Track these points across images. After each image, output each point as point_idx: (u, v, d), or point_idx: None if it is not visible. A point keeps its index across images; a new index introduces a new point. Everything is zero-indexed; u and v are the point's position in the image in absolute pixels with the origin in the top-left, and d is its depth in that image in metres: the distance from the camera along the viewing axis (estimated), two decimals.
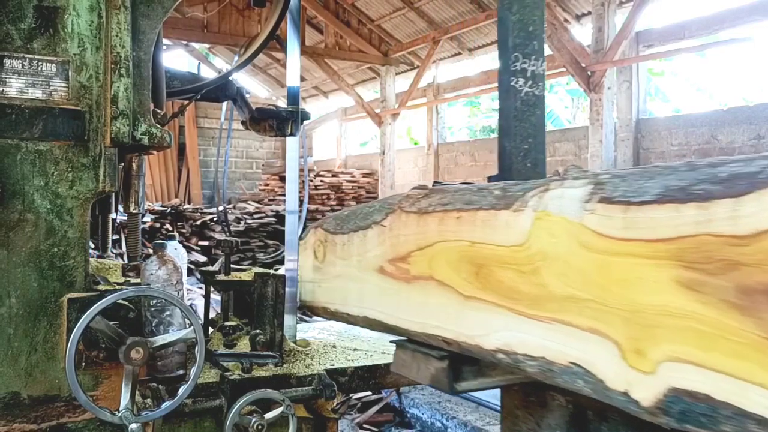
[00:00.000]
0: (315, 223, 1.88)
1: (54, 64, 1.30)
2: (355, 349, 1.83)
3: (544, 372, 1.06)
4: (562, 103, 17.23)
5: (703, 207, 0.80)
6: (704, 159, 0.91)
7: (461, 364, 1.31)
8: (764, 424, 0.74)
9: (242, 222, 11.11)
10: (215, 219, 10.83)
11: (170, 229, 10.17)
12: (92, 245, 1.93)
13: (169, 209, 11.00)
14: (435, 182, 1.46)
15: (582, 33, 8.82)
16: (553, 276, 1.02)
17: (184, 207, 11.57)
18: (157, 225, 10.36)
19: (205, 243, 10.49)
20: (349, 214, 1.73)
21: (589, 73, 8.08)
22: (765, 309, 0.73)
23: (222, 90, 1.99)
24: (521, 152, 1.68)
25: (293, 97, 2.02)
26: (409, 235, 1.40)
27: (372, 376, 1.66)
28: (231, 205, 12.33)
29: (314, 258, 1.85)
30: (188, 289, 6.60)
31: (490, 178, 1.50)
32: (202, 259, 9.74)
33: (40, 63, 1.29)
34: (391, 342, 1.52)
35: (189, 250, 9.99)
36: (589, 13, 8.56)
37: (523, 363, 1.10)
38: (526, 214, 1.08)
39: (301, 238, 1.96)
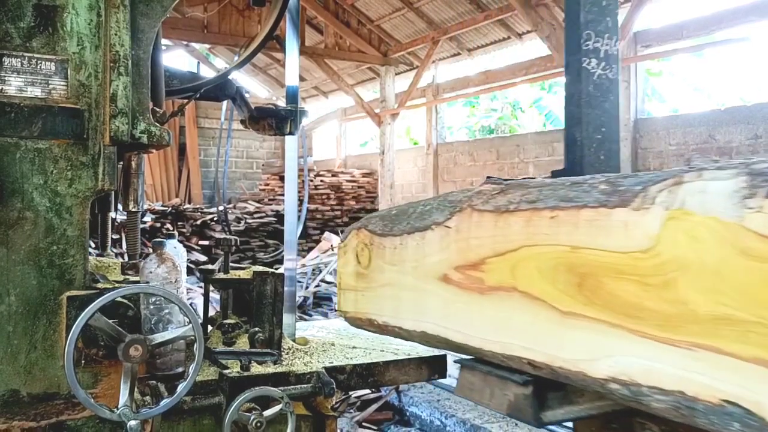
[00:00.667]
0: (356, 224, 1.69)
1: (53, 63, 1.30)
2: (353, 347, 1.82)
3: (680, 409, 0.88)
4: (561, 103, 17.21)
5: None
6: None
7: (545, 390, 1.14)
8: None
9: (242, 222, 11.11)
10: (215, 219, 10.83)
11: (171, 228, 10.17)
12: (93, 244, 1.93)
13: (170, 209, 10.99)
14: (488, 177, 1.31)
15: None
16: (696, 291, 0.84)
17: (185, 207, 11.57)
18: (158, 225, 10.36)
19: (206, 242, 10.49)
20: (398, 213, 1.54)
21: None
22: None
23: (221, 89, 1.99)
24: (594, 143, 1.50)
25: (292, 96, 2.02)
26: (483, 237, 1.21)
27: (371, 373, 1.66)
28: (231, 205, 12.33)
29: (356, 263, 1.64)
30: (188, 288, 6.59)
31: (554, 173, 1.34)
32: (203, 258, 9.73)
33: (39, 61, 1.29)
34: (456, 362, 1.33)
35: (189, 249, 9.99)
36: None
37: (648, 397, 0.91)
38: (654, 213, 0.90)
39: (341, 240, 1.75)
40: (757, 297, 0.77)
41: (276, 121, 1.99)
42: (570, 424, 1.21)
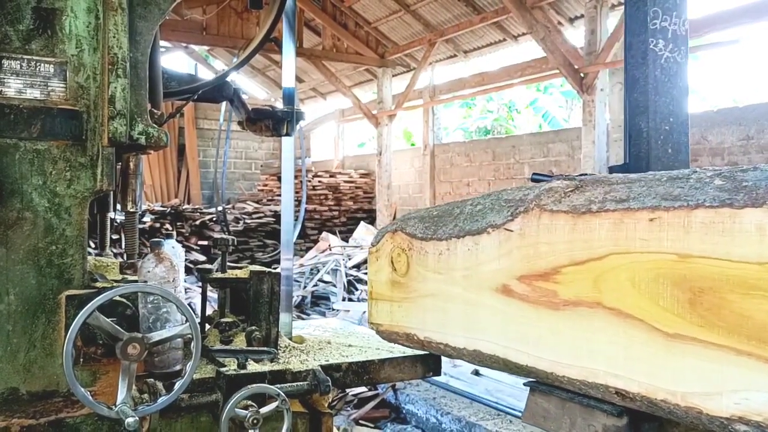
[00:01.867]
0: (391, 225, 1.52)
1: (52, 65, 1.30)
2: (349, 345, 1.83)
3: None
4: (557, 102, 17.27)
5: None
6: None
7: (639, 421, 1.00)
8: None
9: (241, 222, 11.10)
10: (214, 219, 10.81)
11: (170, 228, 10.15)
12: (92, 244, 1.93)
13: (169, 209, 10.97)
14: (534, 174, 1.15)
15: (575, 36, 8.84)
16: None
17: (184, 207, 11.55)
18: (157, 225, 10.34)
19: (205, 242, 10.48)
20: (442, 214, 1.36)
21: (582, 75, 8.09)
22: None
23: (219, 91, 1.99)
24: (661, 134, 1.31)
25: (289, 98, 2.02)
26: (556, 243, 1.04)
27: (366, 371, 1.66)
28: (230, 205, 12.31)
29: (392, 270, 1.47)
30: (187, 288, 6.58)
31: (612, 169, 1.15)
32: (202, 258, 9.72)
33: (38, 64, 1.29)
34: (525, 384, 1.18)
35: (188, 249, 9.98)
36: (582, 16, 8.58)
37: None
38: None
39: (372, 245, 1.58)
40: None
41: (273, 122, 2.00)
42: None
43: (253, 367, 1.47)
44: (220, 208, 10.50)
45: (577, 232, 1.01)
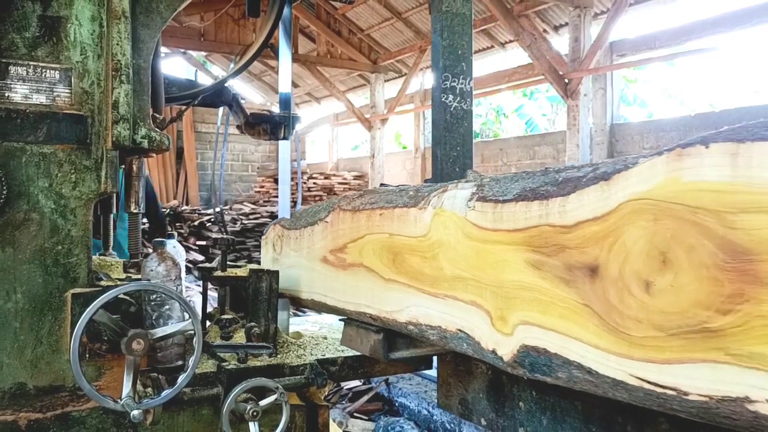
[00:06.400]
0: (274, 221, 2.09)
1: (57, 71, 1.30)
2: None
3: (441, 339, 1.20)
4: (542, 110, 17.35)
5: (544, 204, 0.94)
6: (557, 165, 1.04)
7: (396, 337, 1.47)
8: (582, 369, 0.86)
9: (238, 222, 11.06)
10: (212, 220, 10.77)
11: (170, 229, 10.09)
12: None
13: (168, 210, 10.91)
14: (381, 184, 1.61)
15: (560, 43, 8.90)
16: (446, 261, 1.16)
17: (183, 208, 11.50)
18: None
19: (203, 243, 10.43)
20: (302, 213, 1.89)
21: (566, 80, 8.15)
22: (582, 282, 0.86)
23: (218, 96, 2.00)
24: (450, 159, 1.83)
25: (285, 103, 2.03)
26: (345, 229, 1.55)
27: (361, 365, 1.68)
28: (227, 207, 12.27)
29: (273, 251, 2.05)
30: (186, 287, 6.56)
31: (426, 181, 1.61)
32: (200, 258, 9.68)
33: (44, 70, 1.29)
34: (341, 320, 1.64)
35: (187, 249, 9.93)
36: (567, 24, 8.64)
37: (427, 332, 1.24)
38: (428, 211, 1.23)
39: (262, 235, 2.15)
40: (472, 263, 1.09)
41: (270, 126, 2.01)
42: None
43: (252, 361, 1.48)
44: (217, 209, 10.46)
45: (354, 222, 1.52)
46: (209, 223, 10.81)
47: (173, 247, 1.84)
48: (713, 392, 0.69)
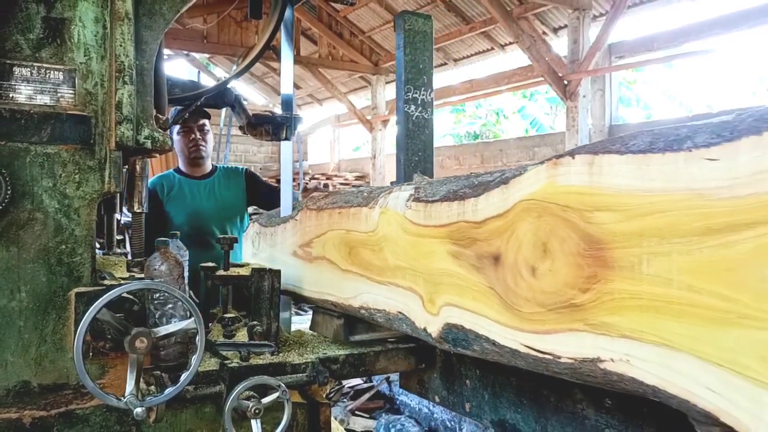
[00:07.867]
0: (253, 218, 2.29)
1: (61, 72, 1.30)
2: None
3: (387, 320, 1.34)
4: (543, 109, 17.34)
5: (461, 204, 1.09)
6: (481, 172, 1.17)
7: (356, 322, 1.60)
8: (489, 342, 1.01)
9: None
10: None
11: None
12: (98, 244, 1.92)
13: None
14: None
15: (559, 45, 8.89)
16: (389, 252, 1.32)
17: None
18: None
19: None
20: (276, 212, 2.06)
21: (565, 82, 8.14)
22: (489, 268, 1.01)
23: (221, 97, 1.99)
24: (412, 163, 1.97)
25: (287, 104, 2.03)
26: (311, 226, 1.71)
27: (362, 363, 1.67)
28: None
29: (252, 246, 2.25)
30: None
31: (392, 183, 1.73)
32: None
33: (47, 71, 1.29)
34: (309, 308, 1.82)
35: None
36: (566, 26, 8.63)
37: (375, 315, 1.38)
38: (376, 210, 1.37)
39: (244, 230, 2.32)
40: (409, 254, 1.24)
41: (273, 127, 2.00)
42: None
43: (254, 360, 1.47)
44: None
45: (318, 219, 1.67)
46: None
47: (176, 246, 1.84)
48: (577, 355, 0.84)
